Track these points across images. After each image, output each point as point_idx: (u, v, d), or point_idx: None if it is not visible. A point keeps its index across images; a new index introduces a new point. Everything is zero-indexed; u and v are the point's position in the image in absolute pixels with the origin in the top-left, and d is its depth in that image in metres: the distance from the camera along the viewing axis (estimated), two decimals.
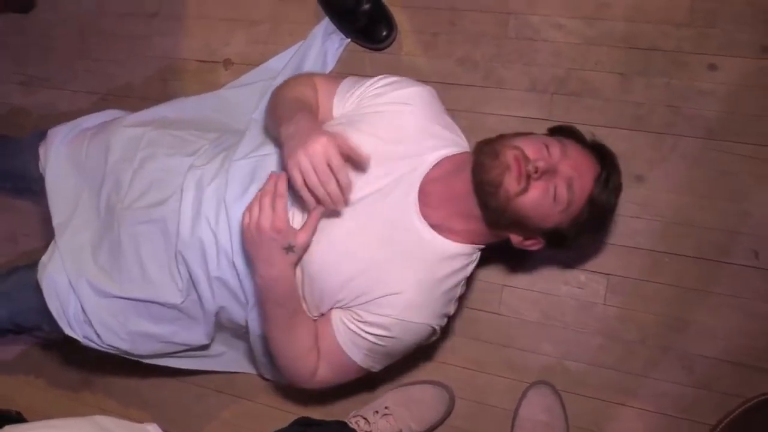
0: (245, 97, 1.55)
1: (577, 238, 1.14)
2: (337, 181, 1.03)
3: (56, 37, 1.87)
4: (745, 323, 1.31)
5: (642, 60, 1.43)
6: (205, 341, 1.34)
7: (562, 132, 1.17)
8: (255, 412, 1.51)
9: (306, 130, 1.05)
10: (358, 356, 1.15)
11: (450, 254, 1.13)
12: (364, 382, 1.33)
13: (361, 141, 1.10)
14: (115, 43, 1.81)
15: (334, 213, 1.10)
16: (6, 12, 1.90)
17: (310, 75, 1.30)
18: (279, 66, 1.59)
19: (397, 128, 1.16)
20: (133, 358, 1.34)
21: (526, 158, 1.04)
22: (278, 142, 1.16)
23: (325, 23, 1.61)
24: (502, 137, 1.11)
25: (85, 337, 1.28)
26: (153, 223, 1.22)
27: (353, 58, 1.61)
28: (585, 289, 1.39)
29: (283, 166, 1.07)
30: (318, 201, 1.05)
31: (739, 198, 1.34)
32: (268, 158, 1.20)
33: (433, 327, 1.15)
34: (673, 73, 1.40)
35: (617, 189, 1.14)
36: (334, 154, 1.01)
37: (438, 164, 1.16)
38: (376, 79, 1.23)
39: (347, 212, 1.11)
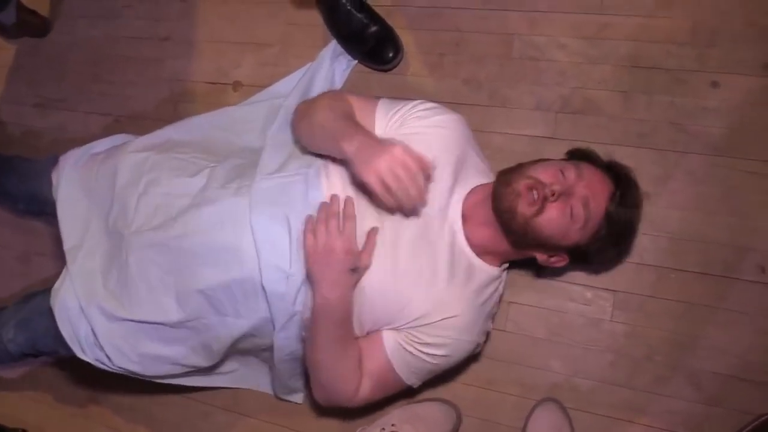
0: (251, 114, 1.57)
1: (600, 254, 1.22)
2: (415, 184, 1.08)
3: (71, 61, 1.92)
4: (754, 339, 1.30)
5: (645, 78, 1.44)
6: (209, 364, 1.35)
7: (579, 155, 1.25)
8: (261, 430, 1.51)
9: (375, 142, 1.12)
10: (407, 374, 1.20)
11: (491, 277, 1.22)
12: None
13: None
14: (128, 66, 1.85)
15: (392, 236, 1.15)
16: (23, 36, 1.96)
17: (340, 93, 1.35)
18: (286, 88, 1.62)
19: (439, 151, 1.20)
20: (145, 379, 1.35)
21: (542, 184, 1.12)
22: (337, 158, 1.20)
23: (333, 45, 1.64)
24: (520, 166, 1.19)
25: (96, 360, 1.29)
26: (158, 246, 1.23)
27: (361, 80, 1.63)
28: (592, 306, 1.39)
29: (357, 178, 1.12)
30: (397, 205, 1.10)
31: (745, 214, 1.34)
32: (294, 180, 1.23)
33: (479, 342, 1.24)
34: (676, 91, 1.42)
35: (635, 204, 1.22)
36: (409, 158, 1.07)
37: (472, 191, 1.23)
38: (416, 102, 1.28)
39: (404, 235, 1.16)
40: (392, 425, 1.34)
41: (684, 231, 1.37)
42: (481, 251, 1.21)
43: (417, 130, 1.23)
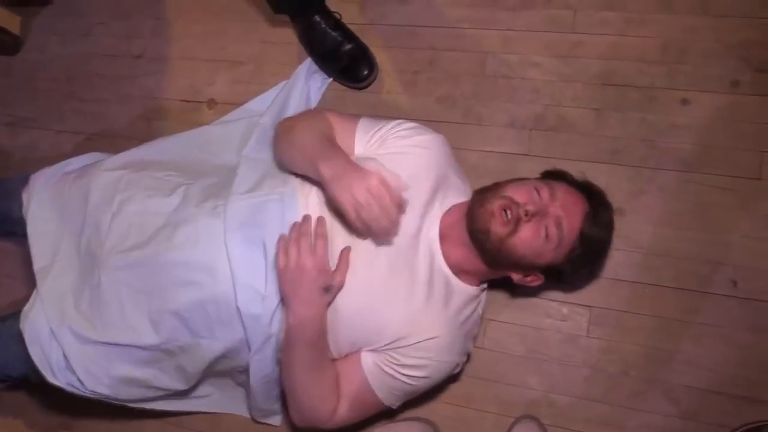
0: (228, 133, 1.56)
1: (574, 273, 1.22)
2: (388, 216, 1.09)
3: (42, 79, 1.89)
4: (728, 352, 1.31)
5: (617, 96, 1.47)
6: (184, 387, 1.33)
7: (553, 175, 1.26)
8: None
9: (353, 167, 1.12)
10: (386, 395, 1.19)
11: (470, 297, 1.22)
12: None
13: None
14: (101, 84, 1.83)
15: (368, 256, 1.15)
16: None
17: (322, 111, 1.34)
18: (261, 106, 1.61)
19: (419, 171, 1.21)
20: (117, 403, 1.32)
21: (516, 204, 1.12)
22: (312, 179, 1.20)
23: (308, 63, 1.64)
24: (496, 185, 1.20)
25: (68, 384, 1.26)
26: (132, 267, 1.21)
27: (335, 97, 1.64)
28: (568, 322, 1.39)
29: (331, 202, 1.13)
30: (368, 234, 1.12)
31: (716, 229, 1.37)
32: (269, 200, 1.22)
33: (458, 363, 1.24)
34: (648, 108, 1.45)
35: (608, 224, 1.23)
36: (385, 190, 1.07)
37: (449, 211, 1.23)
38: (397, 122, 1.28)
39: (380, 255, 1.15)
40: None
41: (658, 246, 1.39)
42: (458, 270, 1.20)
43: (397, 150, 1.24)
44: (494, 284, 1.36)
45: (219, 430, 1.51)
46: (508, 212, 1.12)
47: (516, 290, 1.41)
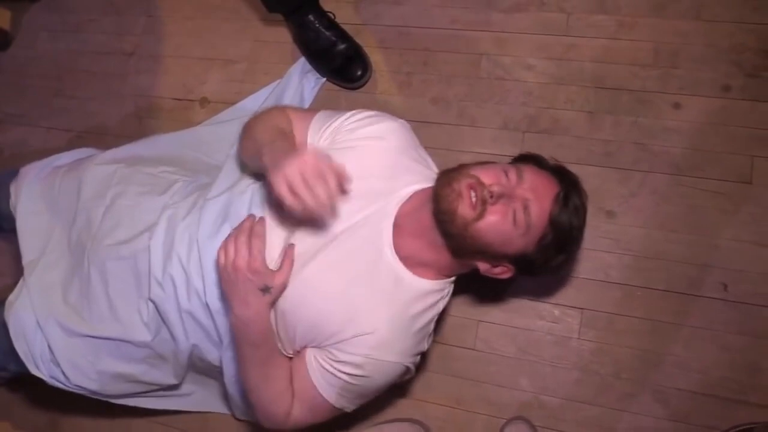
0: (221, 134, 1.55)
1: (546, 264, 1.12)
2: (324, 188, 0.98)
3: (32, 75, 1.88)
4: (718, 355, 1.32)
5: (610, 99, 1.48)
6: (174, 381, 1.32)
7: (524, 159, 1.18)
8: None
9: (289, 148, 1.07)
10: (332, 396, 1.13)
11: (423, 292, 1.13)
12: (340, 421, 1.31)
13: None
14: (92, 81, 1.82)
15: (309, 251, 1.10)
16: None
17: (283, 107, 1.29)
18: (254, 105, 1.61)
19: (370, 164, 1.16)
20: (101, 399, 1.31)
21: (481, 184, 1.05)
22: (259, 173, 1.16)
23: (302, 62, 1.64)
24: (461, 166, 1.11)
25: (52, 377, 1.25)
26: (122, 260, 1.21)
27: (329, 97, 1.63)
28: (559, 324, 1.40)
29: (268, 188, 1.04)
30: (305, 212, 1.00)
31: (707, 232, 1.37)
32: (242, 196, 1.20)
33: (406, 366, 1.14)
34: (640, 111, 1.45)
35: (579, 208, 1.11)
36: (320, 161, 0.99)
37: (410, 198, 1.16)
38: (351, 113, 1.22)
39: (320, 249, 1.11)
40: None
41: (648, 249, 1.39)
42: (413, 263, 1.12)
43: (348, 144, 1.18)
44: (485, 285, 1.36)
45: (206, 429, 1.50)
46: (473, 192, 1.04)
47: (500, 290, 1.41)
